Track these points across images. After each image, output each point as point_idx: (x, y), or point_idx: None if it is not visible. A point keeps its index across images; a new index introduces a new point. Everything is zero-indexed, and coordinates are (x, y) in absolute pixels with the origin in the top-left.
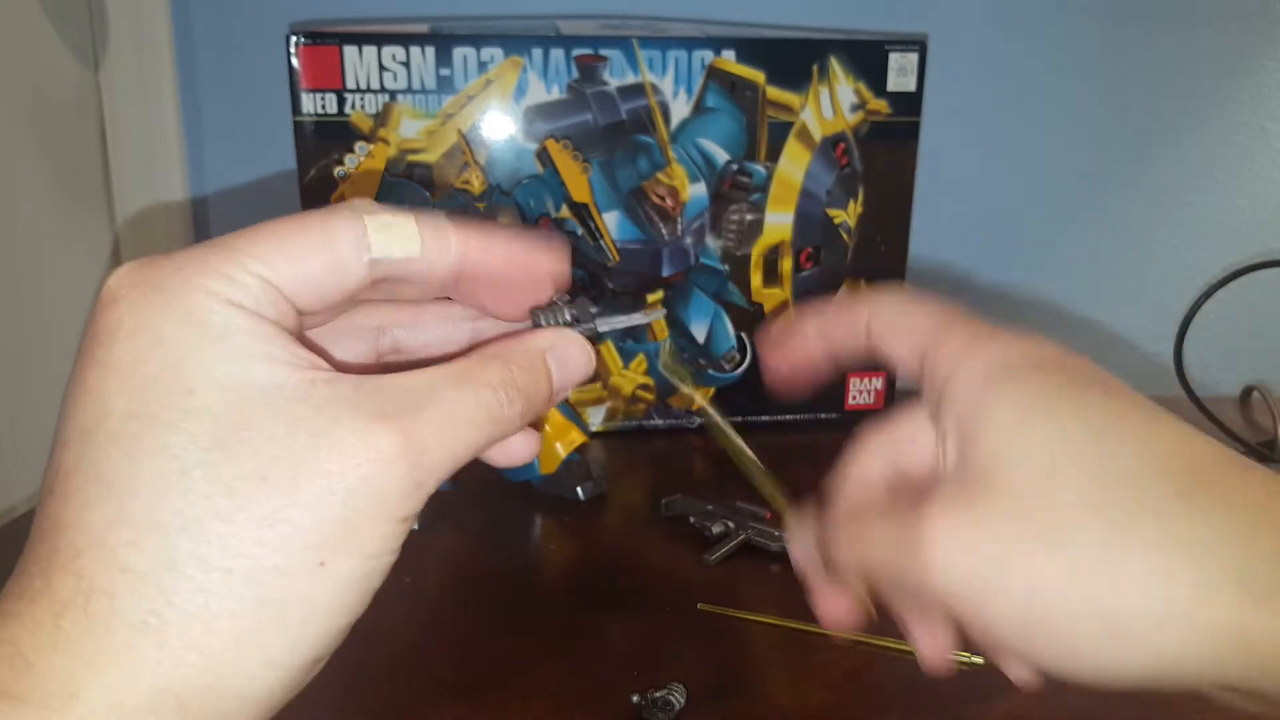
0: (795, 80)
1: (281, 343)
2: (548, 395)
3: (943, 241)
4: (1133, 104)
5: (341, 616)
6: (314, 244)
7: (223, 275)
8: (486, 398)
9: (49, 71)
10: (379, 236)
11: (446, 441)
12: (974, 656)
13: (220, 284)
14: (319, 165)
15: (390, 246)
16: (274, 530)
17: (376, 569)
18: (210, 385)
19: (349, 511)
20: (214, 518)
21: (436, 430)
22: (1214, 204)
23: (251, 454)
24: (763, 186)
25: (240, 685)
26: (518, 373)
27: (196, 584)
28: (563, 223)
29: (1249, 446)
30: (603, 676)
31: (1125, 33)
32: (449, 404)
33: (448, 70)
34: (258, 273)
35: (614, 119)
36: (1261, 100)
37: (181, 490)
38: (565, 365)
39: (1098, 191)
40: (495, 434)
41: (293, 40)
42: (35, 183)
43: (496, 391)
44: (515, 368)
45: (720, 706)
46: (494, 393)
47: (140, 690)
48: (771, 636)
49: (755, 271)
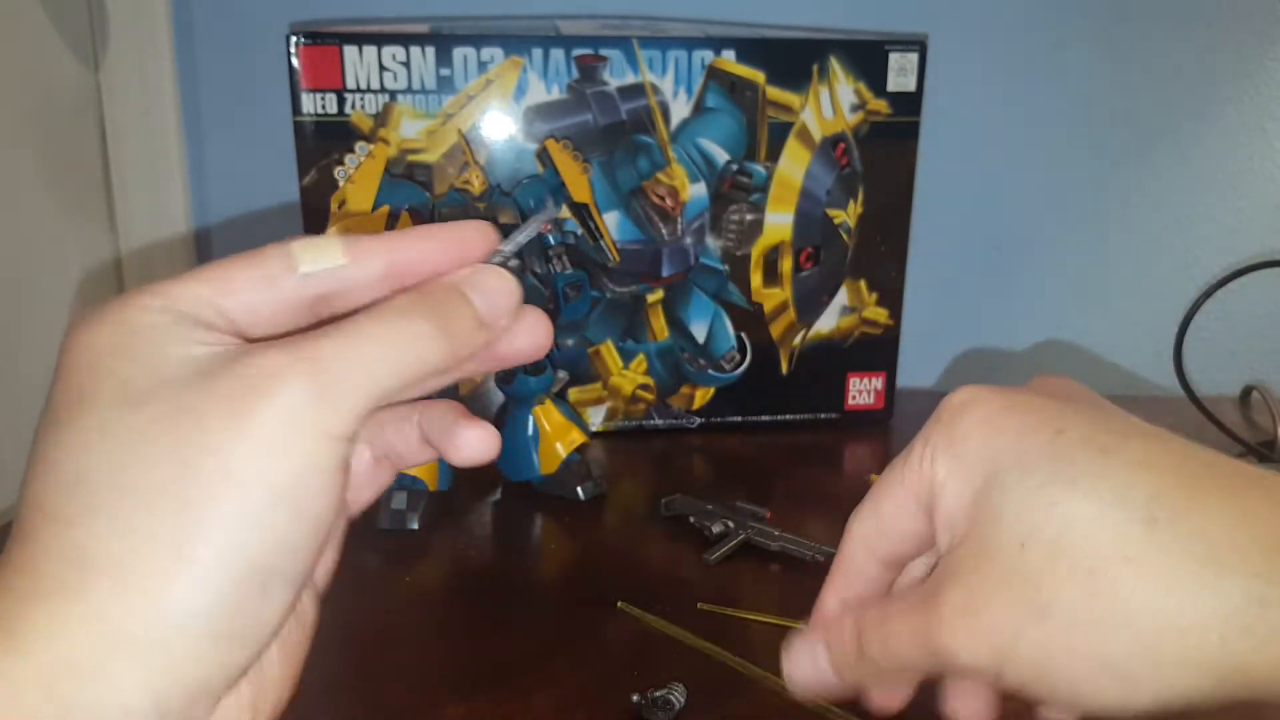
0: (795, 80)
1: (207, 333)
2: (473, 320)
3: (943, 241)
4: (1133, 104)
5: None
6: (244, 266)
7: (159, 294)
8: (391, 315)
9: (49, 71)
10: (304, 254)
11: (357, 353)
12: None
13: (154, 300)
14: (319, 165)
15: (316, 261)
16: (181, 455)
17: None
18: (133, 365)
19: (254, 426)
20: (131, 457)
21: (341, 341)
22: (1214, 204)
23: (162, 403)
24: (763, 186)
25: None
26: (429, 298)
27: (116, 515)
28: (563, 223)
29: (1249, 446)
30: (603, 676)
31: (1125, 33)
32: (350, 323)
33: (448, 70)
34: (191, 290)
35: (614, 119)
36: (1261, 100)
37: (100, 443)
38: (484, 291)
39: (1097, 191)
40: (415, 346)
41: (293, 40)
42: (35, 183)
43: (406, 314)
44: (425, 293)
45: (720, 706)
46: (402, 314)
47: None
48: (772, 636)
49: (755, 271)
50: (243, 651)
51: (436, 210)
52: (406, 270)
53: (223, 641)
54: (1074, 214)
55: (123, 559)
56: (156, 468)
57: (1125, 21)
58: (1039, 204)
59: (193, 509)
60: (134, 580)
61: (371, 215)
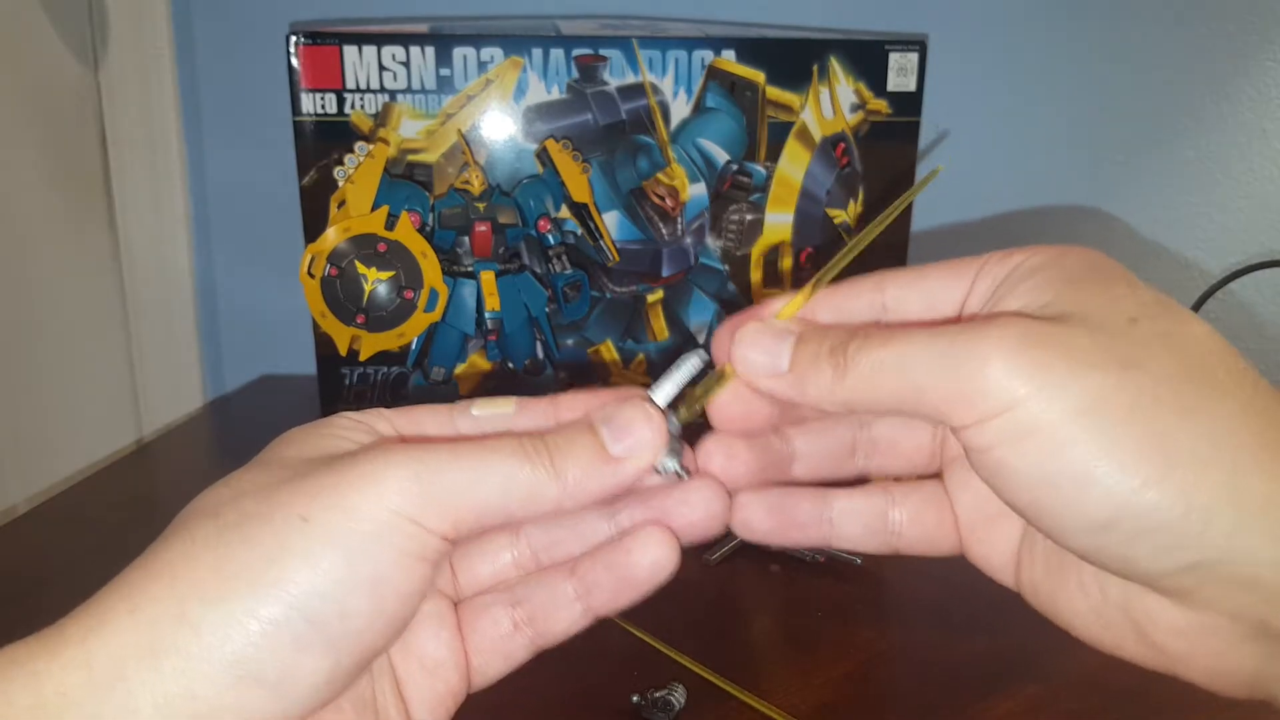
0: (795, 80)
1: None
2: (594, 453)
3: (943, 241)
4: (1132, 104)
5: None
6: (431, 409)
7: (361, 414)
8: (507, 441)
9: (49, 71)
10: (482, 401)
11: (460, 460)
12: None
13: (353, 416)
14: (319, 165)
15: (490, 406)
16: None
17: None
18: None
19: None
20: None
21: (447, 450)
22: (1214, 204)
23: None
24: (763, 186)
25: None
26: (555, 432)
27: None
28: (562, 223)
29: None
30: (603, 676)
31: (1125, 33)
32: (472, 442)
33: (448, 70)
34: (385, 415)
35: (614, 119)
36: (1261, 100)
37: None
38: (615, 422)
39: (1097, 191)
40: (520, 473)
41: (293, 40)
42: (35, 183)
43: (520, 440)
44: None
45: (720, 706)
46: (517, 440)
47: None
48: (771, 636)
49: (755, 271)
50: (268, 702)
51: (437, 210)
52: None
53: (247, 681)
54: (1074, 214)
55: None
56: (255, 504)
57: (1125, 21)
58: (1039, 204)
59: (263, 541)
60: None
61: (371, 215)
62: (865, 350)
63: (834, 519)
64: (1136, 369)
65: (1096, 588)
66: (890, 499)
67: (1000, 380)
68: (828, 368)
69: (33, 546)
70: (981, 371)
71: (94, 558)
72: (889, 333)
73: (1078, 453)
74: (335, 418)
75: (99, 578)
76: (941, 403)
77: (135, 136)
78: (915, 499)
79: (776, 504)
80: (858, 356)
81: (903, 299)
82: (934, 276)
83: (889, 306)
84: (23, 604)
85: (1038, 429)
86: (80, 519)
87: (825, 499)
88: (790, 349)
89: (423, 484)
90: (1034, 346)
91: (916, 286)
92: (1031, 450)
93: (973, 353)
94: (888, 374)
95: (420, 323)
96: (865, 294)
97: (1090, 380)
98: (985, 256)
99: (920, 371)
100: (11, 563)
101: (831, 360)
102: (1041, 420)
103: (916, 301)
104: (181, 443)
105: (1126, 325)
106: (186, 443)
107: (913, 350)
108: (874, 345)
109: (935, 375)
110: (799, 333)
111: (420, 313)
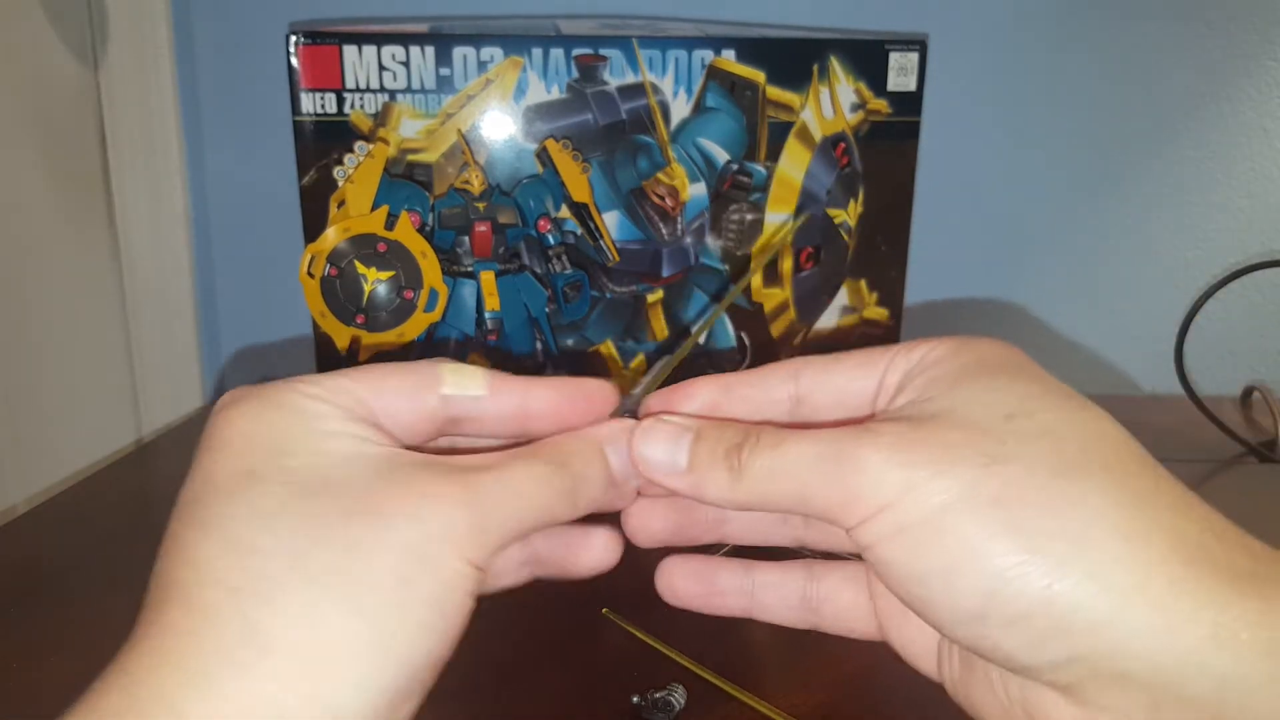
0: (795, 80)
1: (367, 429)
2: (603, 477)
3: (943, 241)
4: (1132, 104)
5: (426, 638)
6: (396, 375)
7: (316, 383)
8: (538, 467)
9: (49, 71)
10: (450, 377)
11: (506, 496)
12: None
13: (313, 388)
14: (319, 165)
15: (460, 387)
16: (360, 551)
17: (451, 599)
18: (304, 451)
19: (424, 539)
20: (306, 540)
21: (495, 483)
22: (1214, 204)
23: (337, 498)
24: (763, 186)
25: (340, 697)
26: (569, 454)
27: (294, 595)
28: (562, 223)
29: (1249, 446)
30: (603, 676)
31: (1125, 33)
32: (505, 469)
33: (447, 70)
34: (346, 387)
35: (614, 119)
36: (1261, 100)
37: (276, 523)
38: (622, 452)
39: (1098, 191)
40: (551, 501)
41: (292, 40)
42: (35, 183)
43: (546, 464)
44: (568, 449)
45: (720, 706)
46: (544, 465)
47: (243, 700)
48: (772, 637)
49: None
50: None
51: (437, 210)
52: (535, 414)
53: None
54: (1074, 214)
55: (299, 646)
56: (334, 557)
57: (1125, 21)
58: (1039, 204)
59: (366, 604)
60: (307, 668)
61: (371, 215)
62: (756, 454)
63: (754, 590)
64: (1002, 464)
65: (1000, 684)
66: (810, 575)
67: (874, 482)
68: (723, 470)
69: (33, 546)
70: (857, 475)
71: (94, 558)
72: (779, 436)
73: (945, 545)
74: (294, 393)
75: (99, 578)
76: (827, 506)
77: (135, 136)
78: (835, 577)
79: (698, 571)
80: (750, 460)
81: (814, 390)
82: (846, 369)
83: (802, 397)
84: (23, 604)
85: (909, 525)
86: (80, 519)
87: (748, 570)
88: (688, 448)
89: (485, 535)
90: (904, 448)
91: (828, 379)
92: (905, 546)
93: (850, 456)
94: (778, 478)
95: (420, 323)
96: (779, 384)
97: (956, 476)
98: (894, 349)
99: (805, 476)
100: (11, 563)
101: (727, 463)
102: (911, 517)
103: (828, 395)
104: (181, 443)
105: (1002, 421)
106: (186, 443)
107: (798, 454)
108: (764, 449)
109: (819, 479)
110: (696, 430)
111: (420, 313)
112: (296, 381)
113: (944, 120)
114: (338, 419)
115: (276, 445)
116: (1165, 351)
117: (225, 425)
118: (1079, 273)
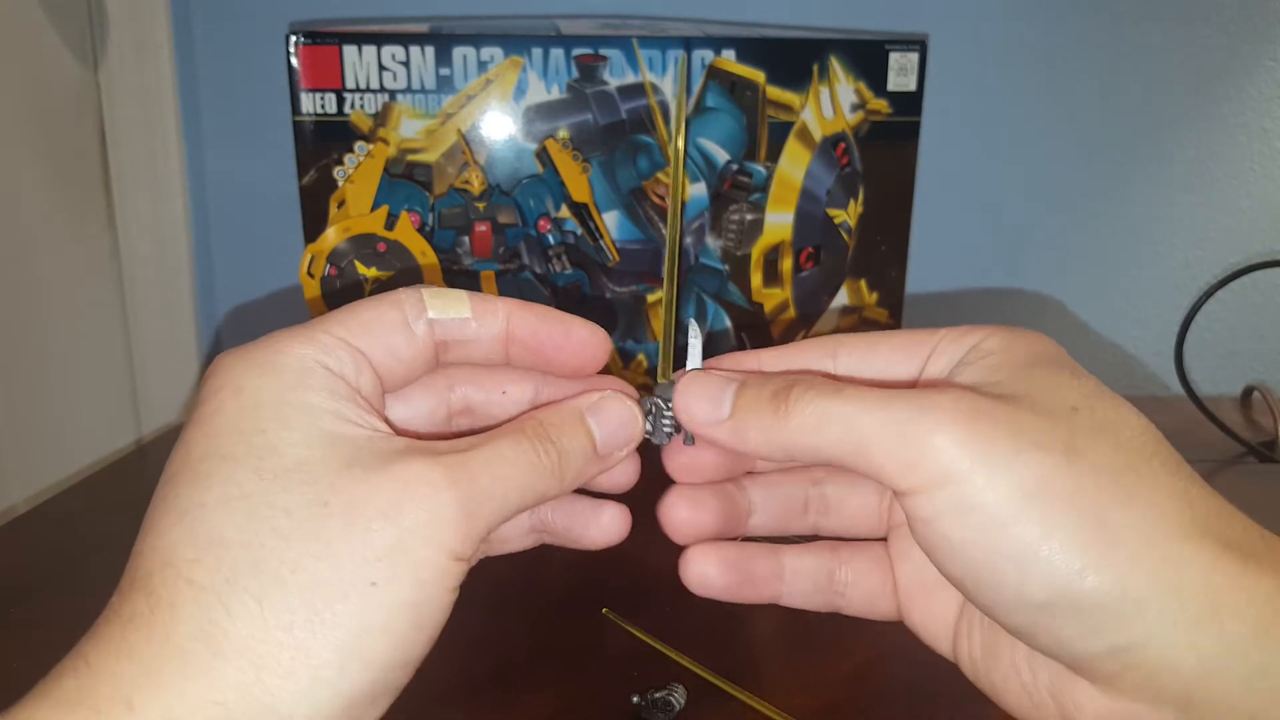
0: (795, 80)
1: (352, 406)
2: (588, 450)
3: (943, 241)
4: (1132, 104)
5: (392, 643)
6: (381, 309)
7: (305, 338)
8: (524, 445)
9: (49, 71)
10: (434, 301)
11: (491, 480)
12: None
13: (302, 344)
14: (319, 165)
15: (445, 309)
16: (329, 549)
17: (429, 599)
18: (278, 427)
19: (402, 534)
20: (272, 535)
21: (481, 467)
22: (1214, 204)
23: (310, 484)
24: (763, 186)
25: (290, 702)
26: (552, 427)
27: (253, 594)
28: (562, 223)
29: (1249, 446)
30: (603, 676)
31: (1125, 33)
32: (491, 448)
33: (447, 70)
34: (338, 335)
35: (614, 119)
36: (1261, 100)
37: (243, 513)
38: (606, 422)
39: (1098, 191)
40: (537, 481)
41: (292, 40)
42: (35, 183)
43: (533, 440)
44: (551, 422)
45: (720, 706)
46: (530, 441)
47: (192, 699)
48: (771, 637)
49: (755, 271)
50: None
51: (437, 210)
52: (522, 340)
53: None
54: (1074, 214)
55: (253, 647)
56: (297, 553)
57: (1125, 21)
58: (1039, 204)
59: (327, 606)
60: (259, 672)
61: (371, 215)
62: (809, 397)
63: (784, 576)
64: (1078, 455)
65: (1028, 668)
66: (838, 558)
67: (946, 451)
68: (768, 411)
69: (33, 546)
70: (929, 439)
71: (94, 558)
72: (838, 384)
73: (1021, 532)
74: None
75: (99, 578)
76: (885, 462)
77: (135, 136)
78: (861, 560)
79: (732, 559)
80: (801, 402)
81: (855, 369)
82: (888, 349)
83: (840, 374)
84: (23, 604)
85: (981, 505)
86: (80, 519)
87: (778, 555)
88: (732, 396)
89: (472, 522)
90: (982, 422)
91: (869, 358)
92: (974, 526)
93: (921, 418)
94: (833, 424)
95: None
96: (815, 361)
97: (1035, 462)
98: (940, 333)
99: (866, 427)
100: (11, 563)
101: (773, 404)
102: (985, 497)
103: (868, 374)
104: None
105: (1069, 413)
106: None
107: (862, 405)
108: (821, 394)
109: (881, 433)
110: (742, 379)
111: None
112: (289, 340)
113: (944, 120)
114: (324, 391)
115: (254, 423)
116: (1165, 351)
117: (210, 396)
118: (1079, 272)
